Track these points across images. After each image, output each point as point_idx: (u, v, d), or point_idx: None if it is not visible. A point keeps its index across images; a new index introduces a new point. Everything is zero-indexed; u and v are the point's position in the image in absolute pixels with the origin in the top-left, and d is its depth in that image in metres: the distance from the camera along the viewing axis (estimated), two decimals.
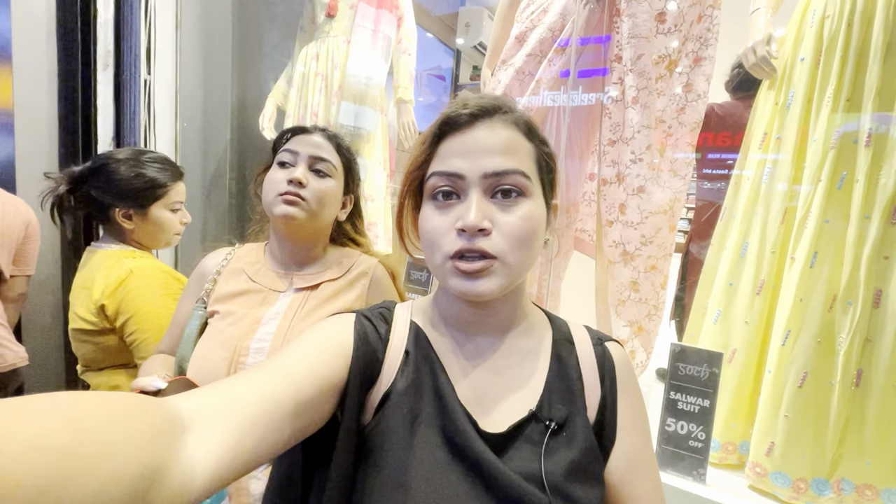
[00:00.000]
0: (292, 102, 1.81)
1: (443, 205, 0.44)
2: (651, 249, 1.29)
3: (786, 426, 0.93)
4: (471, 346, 0.48)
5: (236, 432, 0.33)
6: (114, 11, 1.55)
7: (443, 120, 0.45)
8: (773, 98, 1.05)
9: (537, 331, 0.51)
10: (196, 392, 0.35)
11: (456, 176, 0.43)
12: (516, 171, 0.43)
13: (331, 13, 1.72)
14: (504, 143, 0.43)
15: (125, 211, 1.00)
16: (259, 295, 0.74)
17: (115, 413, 0.27)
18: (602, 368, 0.49)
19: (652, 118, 1.24)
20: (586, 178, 1.55)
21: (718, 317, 1.09)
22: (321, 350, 0.42)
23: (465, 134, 0.44)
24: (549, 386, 0.47)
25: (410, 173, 0.48)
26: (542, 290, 1.39)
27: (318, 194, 0.73)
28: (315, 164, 0.75)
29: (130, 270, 0.94)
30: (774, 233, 1.01)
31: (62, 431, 0.23)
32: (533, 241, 0.43)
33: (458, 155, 0.44)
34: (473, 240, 0.42)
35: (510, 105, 0.46)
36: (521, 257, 0.43)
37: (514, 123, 0.45)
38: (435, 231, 0.44)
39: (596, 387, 0.48)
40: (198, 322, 0.73)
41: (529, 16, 1.39)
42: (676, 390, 1.01)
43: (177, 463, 0.29)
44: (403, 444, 0.41)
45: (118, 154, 1.01)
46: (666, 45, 1.23)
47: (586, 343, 0.51)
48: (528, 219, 0.43)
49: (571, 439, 0.44)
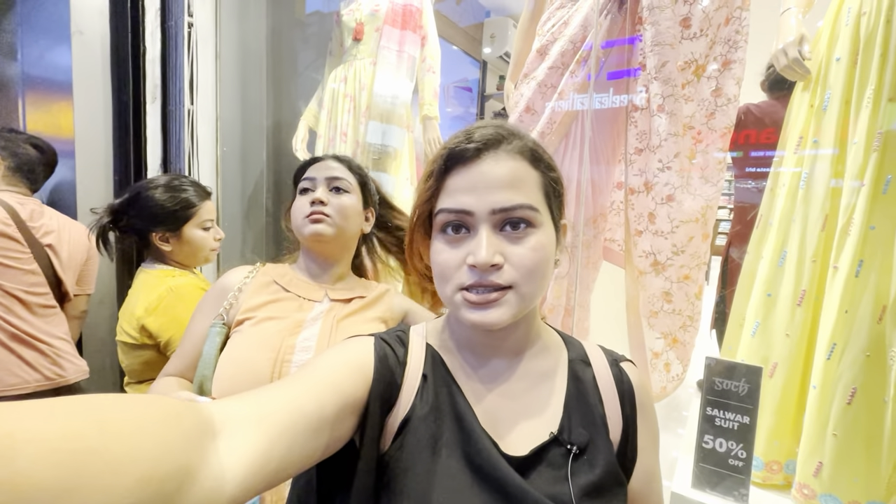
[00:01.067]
0: (323, 124, 1.89)
1: (453, 238, 0.45)
2: (683, 259, 1.25)
3: (834, 445, 0.88)
4: (486, 370, 0.49)
5: (266, 440, 0.33)
6: (160, 47, 1.67)
7: (448, 154, 0.45)
8: (808, 100, 1.01)
9: (552, 352, 0.51)
10: (225, 399, 0.35)
11: (465, 213, 0.44)
12: (524, 205, 0.43)
13: (357, 37, 1.78)
14: (510, 175, 0.43)
15: (161, 234, 1.07)
16: (295, 302, 0.76)
17: (145, 416, 0.27)
18: (621, 390, 0.49)
19: (679, 125, 1.22)
20: (614, 186, 1.53)
21: (757, 329, 1.04)
22: (343, 368, 0.43)
23: (471, 168, 0.44)
24: (568, 408, 0.47)
25: (418, 207, 0.48)
26: (570, 301, 1.37)
27: (340, 209, 0.78)
28: (332, 183, 0.79)
29: (170, 289, 1.01)
30: (815, 240, 0.97)
31: (89, 433, 0.23)
32: (545, 269, 0.44)
33: (465, 191, 0.44)
34: (485, 275, 0.42)
35: (515, 133, 0.46)
36: (533, 286, 0.44)
37: (519, 153, 0.45)
38: (446, 265, 0.44)
39: (616, 409, 0.48)
40: (217, 339, 0.72)
41: (550, 28, 1.39)
42: (714, 406, 0.97)
43: (207, 468, 0.29)
44: (426, 470, 0.41)
45: (150, 183, 1.09)
46: (692, 51, 1.21)
47: (602, 364, 0.51)
48: (538, 249, 0.43)
49: (593, 462, 0.44)
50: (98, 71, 1.61)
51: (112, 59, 1.64)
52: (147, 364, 1.03)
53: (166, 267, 1.10)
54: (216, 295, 0.78)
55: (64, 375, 1.32)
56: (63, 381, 1.31)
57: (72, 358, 1.36)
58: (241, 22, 1.92)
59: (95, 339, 1.59)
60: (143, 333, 1.00)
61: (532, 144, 0.47)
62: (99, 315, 1.60)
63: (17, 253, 1.25)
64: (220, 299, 0.77)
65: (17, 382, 1.23)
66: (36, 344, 1.27)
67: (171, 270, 1.09)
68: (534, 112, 1.41)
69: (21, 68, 1.72)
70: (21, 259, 1.26)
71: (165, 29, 1.67)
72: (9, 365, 1.22)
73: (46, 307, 1.32)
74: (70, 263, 1.38)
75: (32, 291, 1.28)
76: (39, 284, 1.30)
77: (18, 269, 1.25)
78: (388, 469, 0.42)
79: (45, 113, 1.67)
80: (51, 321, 1.33)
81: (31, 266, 1.28)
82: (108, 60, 1.64)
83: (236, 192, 1.99)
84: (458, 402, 0.45)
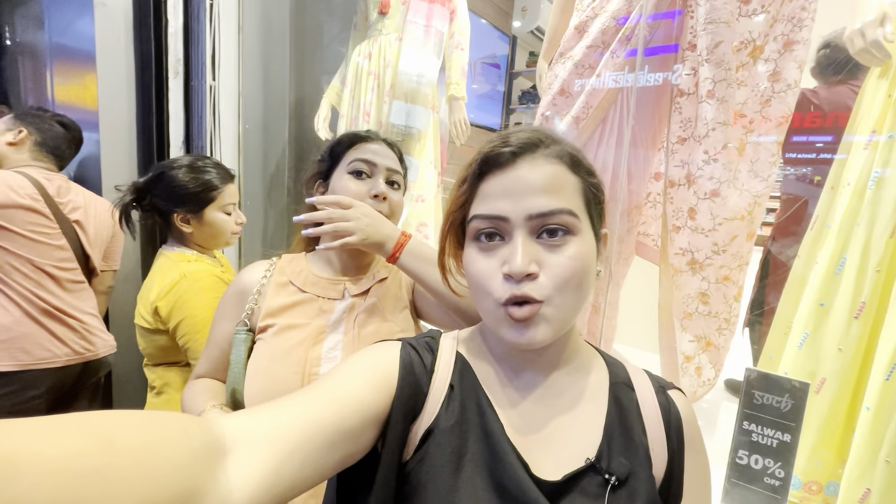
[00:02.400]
0: (346, 102, 1.83)
1: (487, 246, 0.43)
2: (724, 259, 1.16)
3: (887, 473, 0.81)
4: (519, 382, 0.46)
5: (277, 458, 0.33)
6: (182, 21, 1.63)
7: (483, 158, 0.43)
8: (886, 89, 0.89)
9: (592, 371, 0.48)
10: (240, 413, 0.35)
11: (499, 219, 0.41)
12: (563, 210, 0.41)
13: (383, 10, 1.70)
14: (548, 180, 0.41)
15: (183, 216, 1.06)
16: (314, 304, 0.72)
17: (152, 435, 0.27)
18: (668, 421, 0.45)
19: (730, 113, 1.11)
20: (651, 177, 1.43)
21: (805, 340, 0.97)
22: (365, 378, 0.41)
23: (507, 172, 0.42)
24: (608, 433, 0.43)
25: (451, 213, 0.46)
26: (599, 298, 1.31)
27: (397, 208, 0.75)
28: (391, 175, 0.75)
29: (183, 274, 0.99)
30: (881, 248, 0.87)
31: (94, 453, 0.23)
32: (583, 280, 0.41)
33: (500, 196, 0.42)
34: (521, 285, 0.40)
35: (553, 137, 0.44)
36: (571, 299, 0.41)
37: (557, 157, 0.43)
38: (481, 275, 0.42)
39: (662, 441, 0.44)
40: (243, 347, 0.71)
41: (591, 3, 1.28)
42: (751, 420, 0.91)
43: (215, 489, 0.28)
44: (447, 485, 0.39)
45: (174, 163, 1.07)
46: (750, 30, 1.09)
47: (648, 390, 0.47)
48: (577, 258, 0.41)
49: (633, 496, 0.41)
50: (121, 44, 1.59)
51: (135, 32, 1.61)
52: (162, 349, 1.03)
53: (185, 250, 1.09)
54: (236, 296, 0.75)
55: (93, 350, 1.35)
56: (92, 356, 1.34)
57: (100, 333, 1.39)
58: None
59: (121, 315, 1.62)
60: (157, 318, 0.99)
61: (571, 149, 0.45)
62: (124, 291, 1.63)
63: (46, 228, 1.26)
64: (241, 302, 0.74)
65: (47, 356, 1.26)
66: (66, 319, 1.30)
67: (188, 255, 1.08)
68: (568, 95, 1.32)
69: (48, 37, 1.72)
70: (50, 234, 1.27)
71: (188, 2, 1.62)
72: (39, 339, 1.25)
73: (75, 282, 1.34)
74: (97, 240, 1.40)
75: (62, 267, 1.30)
76: (68, 260, 1.32)
77: (48, 244, 1.26)
78: (408, 480, 0.41)
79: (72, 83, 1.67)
80: (80, 296, 1.35)
81: (59, 241, 1.29)
82: (131, 33, 1.61)
83: (258, 171, 1.97)
84: (487, 417, 0.43)
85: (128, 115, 1.62)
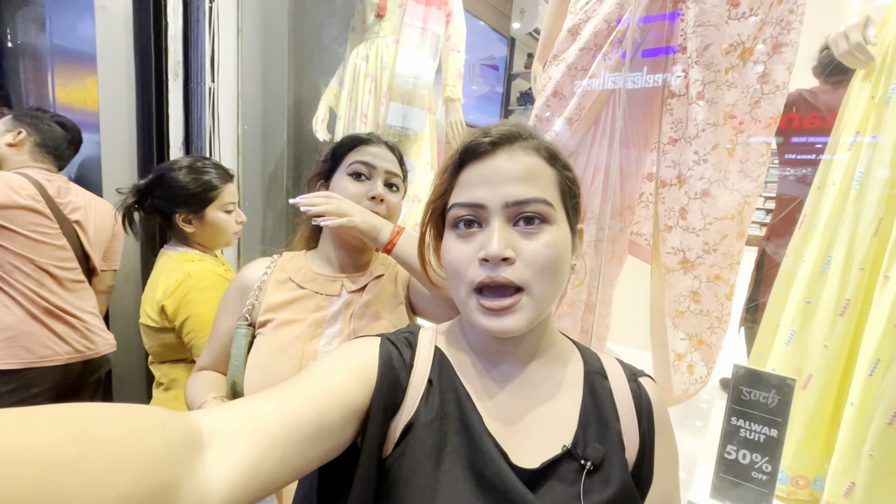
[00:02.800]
0: (343, 103, 1.85)
1: (465, 233, 0.44)
2: (715, 258, 1.18)
3: (870, 466, 0.83)
4: (497, 374, 0.47)
5: (256, 452, 0.32)
6: (182, 24, 1.65)
7: (463, 148, 0.45)
8: (869, 91, 0.91)
9: (567, 361, 0.50)
10: (219, 407, 0.35)
11: (477, 206, 0.43)
12: (538, 199, 0.42)
13: (380, 13, 1.72)
14: (525, 170, 0.43)
15: (185, 216, 1.07)
16: (312, 300, 0.74)
17: (128, 426, 0.26)
18: (639, 407, 0.47)
19: (720, 114, 1.13)
20: (644, 177, 1.45)
21: (792, 337, 0.98)
22: (345, 372, 0.42)
23: (486, 162, 0.44)
24: (583, 421, 0.45)
25: (432, 203, 0.48)
26: (592, 297, 1.33)
27: (394, 210, 0.76)
28: (389, 178, 0.76)
29: (188, 274, 1.01)
30: (865, 246, 0.89)
31: (68, 445, 0.23)
32: (558, 269, 0.42)
33: (478, 184, 0.43)
34: (497, 269, 0.41)
35: (531, 132, 0.46)
36: (547, 287, 0.42)
37: (534, 150, 0.44)
38: (458, 261, 0.43)
39: (633, 426, 0.46)
40: (244, 341, 0.72)
41: (584, 6, 1.30)
42: (739, 416, 0.93)
43: (191, 482, 0.28)
44: (428, 478, 0.40)
45: (174, 164, 1.08)
46: (739, 32, 1.11)
47: (620, 378, 0.49)
48: (551, 246, 0.42)
49: (607, 480, 0.42)
50: (121, 46, 1.61)
51: (135, 34, 1.63)
52: (168, 347, 1.05)
53: (188, 250, 1.11)
54: (237, 292, 0.77)
55: (94, 348, 1.37)
56: (92, 354, 1.36)
57: (100, 331, 1.41)
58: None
59: (121, 314, 1.64)
60: (163, 317, 1.01)
61: (548, 144, 0.46)
62: (125, 290, 1.65)
63: (46, 228, 1.28)
64: (242, 298, 0.75)
65: (48, 354, 1.28)
66: (66, 318, 1.31)
67: (191, 255, 1.10)
68: (562, 96, 1.34)
69: (49, 40, 1.74)
70: (51, 234, 1.29)
71: (187, 4, 1.64)
72: (41, 338, 1.27)
73: (76, 282, 1.36)
74: (97, 240, 1.42)
75: (62, 266, 1.32)
76: (68, 259, 1.34)
77: (49, 244, 1.28)
78: (388, 475, 0.41)
79: (73, 85, 1.69)
80: (80, 295, 1.37)
81: (60, 241, 1.31)
82: (132, 36, 1.63)
83: (257, 172, 1.99)
84: (466, 409, 0.44)
85: (128, 116, 1.64)
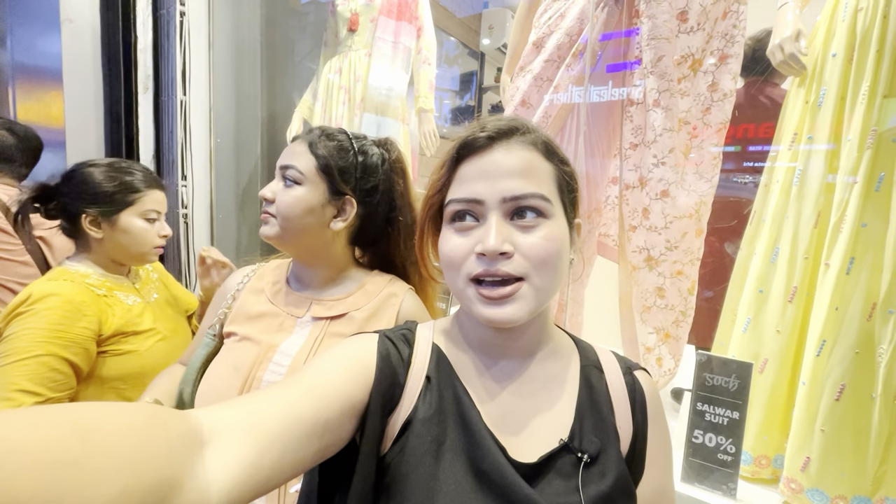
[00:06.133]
0: (317, 115, 1.87)
1: (462, 227, 0.44)
2: (677, 255, 1.25)
3: (822, 441, 0.89)
4: (496, 370, 0.47)
5: (255, 449, 0.32)
6: (152, 37, 1.65)
7: (460, 143, 0.45)
8: (804, 96, 1.00)
9: (564, 355, 0.49)
10: (217, 406, 0.35)
11: (475, 201, 0.43)
12: (535, 194, 0.42)
13: (352, 28, 1.76)
14: (522, 164, 0.43)
15: (93, 217, 0.89)
16: (276, 319, 0.69)
17: (129, 424, 0.26)
18: (633, 399, 0.48)
19: (675, 120, 1.21)
20: (609, 181, 1.53)
21: (748, 325, 1.05)
22: (344, 369, 0.42)
23: (483, 157, 0.43)
24: (580, 414, 0.45)
25: (430, 198, 0.47)
26: (564, 296, 1.38)
27: (282, 207, 0.67)
28: (284, 173, 0.68)
29: (30, 294, 0.82)
30: (807, 237, 0.97)
31: (71, 443, 0.23)
32: (557, 261, 0.42)
33: (476, 179, 0.43)
34: (494, 264, 0.41)
35: (528, 126, 0.46)
36: (547, 279, 0.42)
37: (532, 144, 0.44)
38: (455, 254, 0.43)
39: (628, 418, 0.47)
40: (203, 352, 0.70)
41: (547, 21, 1.38)
42: (703, 401, 0.98)
43: (192, 478, 0.28)
44: (428, 473, 0.40)
45: (91, 161, 0.94)
46: (689, 45, 1.20)
47: (616, 371, 0.49)
48: (550, 239, 0.42)
49: (604, 472, 0.42)
50: (88, 60, 1.59)
51: (103, 48, 1.62)
52: None
53: (89, 268, 0.92)
54: (218, 297, 0.75)
55: None
56: None
57: None
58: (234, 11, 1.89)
59: None
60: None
61: (545, 138, 0.46)
62: None
63: (9, 245, 1.24)
64: (219, 304, 0.74)
65: None
66: None
67: (70, 271, 0.90)
68: (529, 106, 1.40)
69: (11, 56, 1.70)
70: (13, 251, 1.25)
71: (157, 18, 1.65)
72: None
73: None
74: (61, 255, 1.38)
75: (26, 284, 1.27)
76: (32, 276, 1.29)
77: (11, 260, 1.24)
78: (388, 472, 0.41)
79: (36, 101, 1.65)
80: None
81: (23, 258, 1.27)
82: (99, 50, 1.62)
83: (231, 185, 1.98)
84: (464, 405, 0.43)
85: (96, 131, 1.62)
